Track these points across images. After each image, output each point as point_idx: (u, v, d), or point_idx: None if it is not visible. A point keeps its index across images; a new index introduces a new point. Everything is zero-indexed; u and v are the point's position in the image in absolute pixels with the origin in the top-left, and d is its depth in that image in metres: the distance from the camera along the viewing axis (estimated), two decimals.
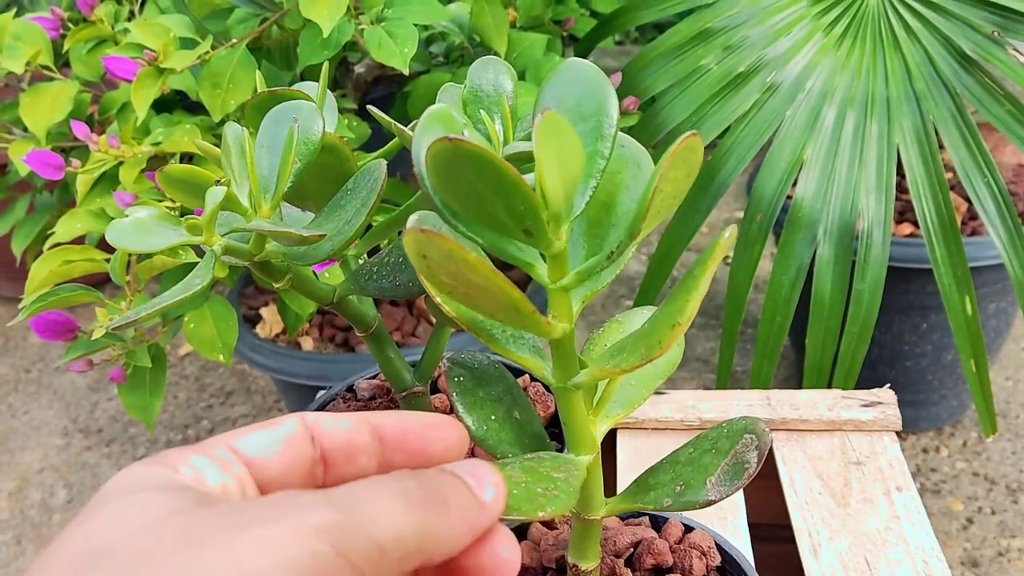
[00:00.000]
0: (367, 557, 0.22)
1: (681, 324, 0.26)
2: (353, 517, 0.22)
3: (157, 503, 0.22)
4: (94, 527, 0.21)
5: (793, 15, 0.99)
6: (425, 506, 0.23)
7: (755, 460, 0.31)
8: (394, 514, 0.23)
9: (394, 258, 0.43)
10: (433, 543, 0.23)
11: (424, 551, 0.23)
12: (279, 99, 0.41)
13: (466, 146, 0.24)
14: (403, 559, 0.23)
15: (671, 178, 0.26)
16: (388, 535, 0.22)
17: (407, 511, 0.23)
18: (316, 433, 0.26)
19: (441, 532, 0.23)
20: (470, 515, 0.25)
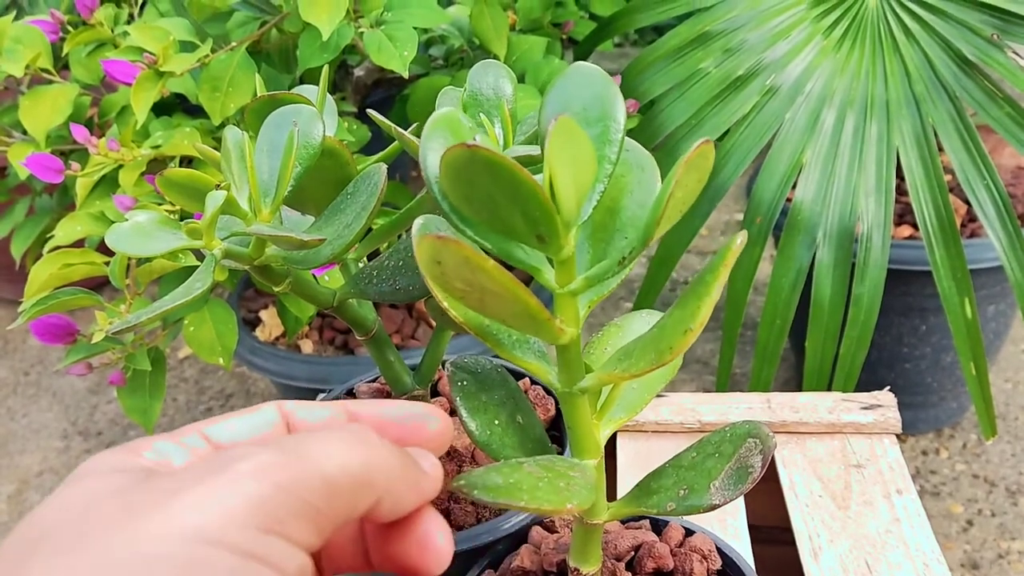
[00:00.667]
0: (316, 491, 0.22)
1: (693, 330, 0.26)
2: (298, 454, 0.22)
3: (102, 485, 0.22)
4: (42, 512, 0.22)
5: (792, 18, 0.99)
6: (368, 443, 0.24)
7: (759, 464, 0.31)
8: (340, 447, 0.23)
9: (394, 261, 0.43)
10: (382, 478, 0.24)
11: (373, 486, 0.23)
12: (279, 103, 0.41)
13: (483, 153, 0.24)
14: (354, 492, 0.23)
15: (684, 184, 0.26)
16: (334, 465, 0.22)
17: (352, 446, 0.23)
18: (293, 421, 0.26)
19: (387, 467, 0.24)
20: (413, 471, 0.25)
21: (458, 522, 0.45)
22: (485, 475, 0.29)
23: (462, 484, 0.28)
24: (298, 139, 0.38)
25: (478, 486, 0.28)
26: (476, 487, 0.28)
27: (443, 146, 0.29)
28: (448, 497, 0.45)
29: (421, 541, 0.26)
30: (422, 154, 0.30)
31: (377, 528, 0.27)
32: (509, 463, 0.30)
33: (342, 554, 0.28)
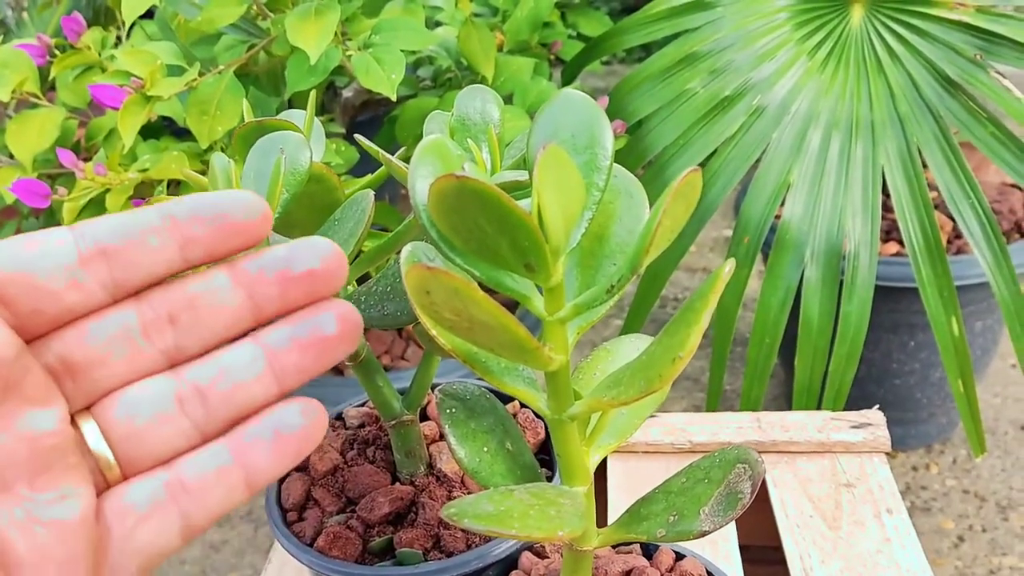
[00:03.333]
0: None
1: (682, 358, 0.26)
2: None
3: None
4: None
5: (777, 39, 1.00)
6: None
7: (748, 490, 0.31)
8: None
9: (383, 287, 0.43)
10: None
11: None
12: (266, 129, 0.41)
13: (472, 183, 0.24)
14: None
15: (672, 212, 0.26)
16: None
17: None
18: (81, 231, 0.23)
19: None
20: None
21: (448, 548, 0.44)
22: (476, 503, 0.29)
23: (452, 512, 0.28)
24: (285, 166, 0.38)
25: (469, 514, 0.28)
26: (467, 515, 0.28)
27: (432, 174, 0.30)
28: (438, 523, 0.45)
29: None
30: (411, 182, 0.30)
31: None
32: (499, 491, 0.30)
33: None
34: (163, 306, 0.24)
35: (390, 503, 0.46)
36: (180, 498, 0.24)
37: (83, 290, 0.23)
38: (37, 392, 0.23)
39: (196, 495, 0.24)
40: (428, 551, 0.44)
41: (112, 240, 0.23)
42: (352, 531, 0.45)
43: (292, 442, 0.25)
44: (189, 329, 0.25)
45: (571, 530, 0.29)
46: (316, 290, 0.25)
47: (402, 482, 0.48)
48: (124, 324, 0.24)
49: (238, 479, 0.25)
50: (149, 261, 0.24)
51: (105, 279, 0.23)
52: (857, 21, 1.00)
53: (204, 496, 0.24)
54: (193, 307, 0.24)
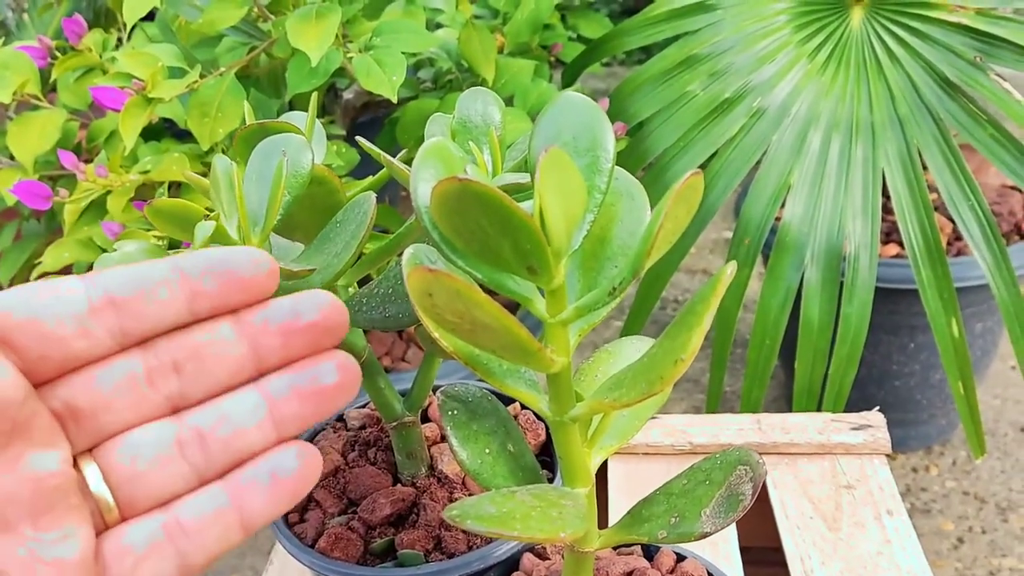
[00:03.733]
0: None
1: (684, 360, 0.26)
2: None
3: None
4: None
5: (777, 42, 1.00)
6: None
7: (750, 492, 0.31)
8: None
9: (384, 289, 0.43)
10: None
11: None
12: (267, 131, 0.41)
13: (474, 186, 0.24)
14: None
15: (673, 215, 0.26)
16: None
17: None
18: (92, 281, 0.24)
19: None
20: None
21: (449, 549, 0.44)
22: (478, 505, 0.29)
23: (455, 514, 0.28)
24: (287, 168, 0.38)
25: (471, 516, 0.28)
26: (469, 517, 0.28)
27: (434, 177, 0.30)
28: (439, 524, 0.45)
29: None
30: (413, 185, 0.30)
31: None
32: (501, 492, 0.30)
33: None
34: (168, 354, 0.25)
35: (391, 504, 0.46)
36: (177, 539, 0.25)
37: (91, 338, 0.24)
38: (42, 435, 0.23)
39: (193, 536, 0.25)
40: (429, 552, 0.45)
41: (122, 291, 0.24)
42: (353, 532, 0.45)
43: (288, 485, 0.25)
44: (193, 377, 0.25)
45: (573, 532, 0.29)
46: (317, 341, 0.26)
47: (403, 483, 0.48)
48: (130, 371, 0.25)
49: (234, 521, 0.25)
50: (157, 312, 0.25)
51: (113, 328, 0.24)
52: (857, 23, 1.00)
53: (201, 537, 0.25)
54: (198, 356, 0.25)
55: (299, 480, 0.25)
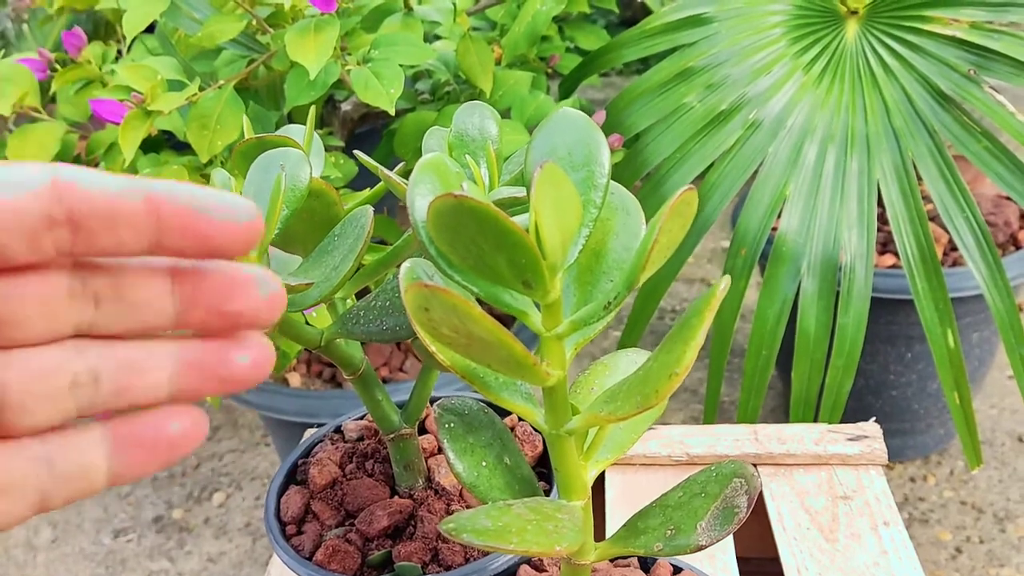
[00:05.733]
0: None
1: (679, 374, 0.27)
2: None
3: None
4: None
5: (773, 54, 1.01)
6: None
7: (745, 505, 0.31)
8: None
9: (381, 302, 0.43)
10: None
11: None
12: (266, 145, 0.41)
13: (470, 203, 0.24)
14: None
15: (668, 230, 0.27)
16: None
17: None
18: (68, 190, 0.22)
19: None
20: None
21: (447, 562, 0.44)
22: (474, 518, 0.29)
23: (451, 527, 0.28)
24: (285, 182, 0.38)
25: (468, 529, 0.28)
26: (466, 530, 0.28)
27: (430, 192, 0.30)
28: (437, 536, 0.45)
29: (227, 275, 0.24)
30: (410, 199, 0.30)
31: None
32: (497, 506, 0.30)
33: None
34: (94, 285, 0.24)
35: (389, 516, 0.46)
36: (42, 478, 0.24)
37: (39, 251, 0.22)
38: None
39: (59, 479, 0.24)
40: (427, 565, 0.45)
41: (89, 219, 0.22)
42: (351, 544, 0.45)
43: (167, 448, 0.24)
44: (108, 316, 0.24)
45: (569, 545, 0.29)
46: (239, 327, 0.24)
47: (401, 495, 0.48)
48: (54, 287, 0.23)
49: (103, 472, 0.24)
50: (111, 247, 0.23)
51: (63, 247, 0.22)
52: (852, 36, 1.00)
53: (67, 482, 0.24)
54: (121, 298, 0.24)
55: (179, 445, 0.24)
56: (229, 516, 1.36)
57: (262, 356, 0.25)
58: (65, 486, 0.24)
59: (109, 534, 1.34)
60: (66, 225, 0.22)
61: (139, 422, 0.24)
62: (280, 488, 0.50)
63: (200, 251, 0.23)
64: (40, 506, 0.24)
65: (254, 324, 0.24)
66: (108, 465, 0.24)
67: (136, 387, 0.24)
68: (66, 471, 0.24)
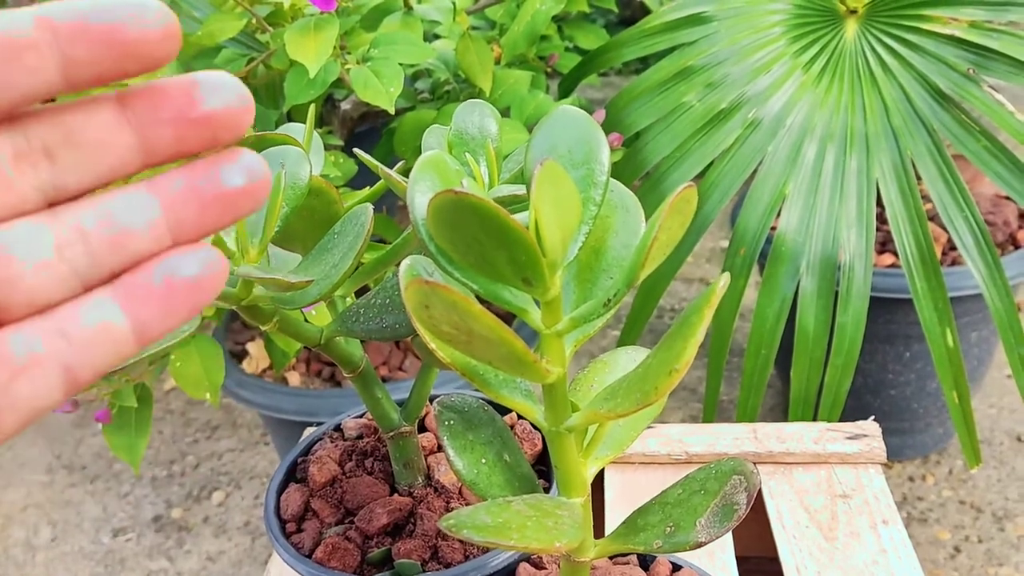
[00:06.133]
0: None
1: (678, 370, 0.27)
2: None
3: None
4: None
5: (772, 53, 1.01)
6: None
7: (744, 502, 0.31)
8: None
9: (381, 299, 0.43)
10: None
11: None
12: (266, 143, 0.41)
13: (470, 199, 0.24)
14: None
15: (667, 227, 0.27)
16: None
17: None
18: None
19: None
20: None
21: (446, 559, 0.45)
22: (474, 514, 0.29)
23: (451, 524, 0.28)
24: (285, 180, 0.38)
25: (467, 525, 0.28)
26: (466, 527, 0.28)
27: (430, 189, 0.30)
28: (436, 534, 0.45)
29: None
30: (410, 197, 0.30)
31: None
32: (497, 502, 0.30)
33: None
34: (39, 136, 0.21)
35: (388, 514, 0.46)
36: (60, 350, 0.22)
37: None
38: None
39: (79, 348, 0.22)
40: (426, 562, 0.45)
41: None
42: (350, 542, 0.45)
43: (185, 292, 0.22)
44: (68, 167, 0.22)
45: (568, 541, 0.29)
46: (216, 135, 0.22)
47: (400, 493, 0.48)
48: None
49: (125, 331, 0.22)
50: (24, 82, 0.20)
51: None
52: (851, 35, 1.01)
53: (88, 350, 0.22)
54: (73, 142, 0.22)
55: (199, 288, 0.22)
56: (228, 515, 1.36)
57: (255, 165, 0.22)
58: (88, 352, 0.22)
59: (108, 533, 1.34)
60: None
61: (144, 269, 0.22)
62: (280, 486, 0.50)
63: (118, 72, 0.21)
64: (70, 381, 0.22)
65: (231, 124, 0.22)
66: (127, 322, 0.22)
67: (132, 236, 0.22)
68: (84, 337, 0.22)
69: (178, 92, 0.21)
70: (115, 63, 0.20)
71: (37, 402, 0.22)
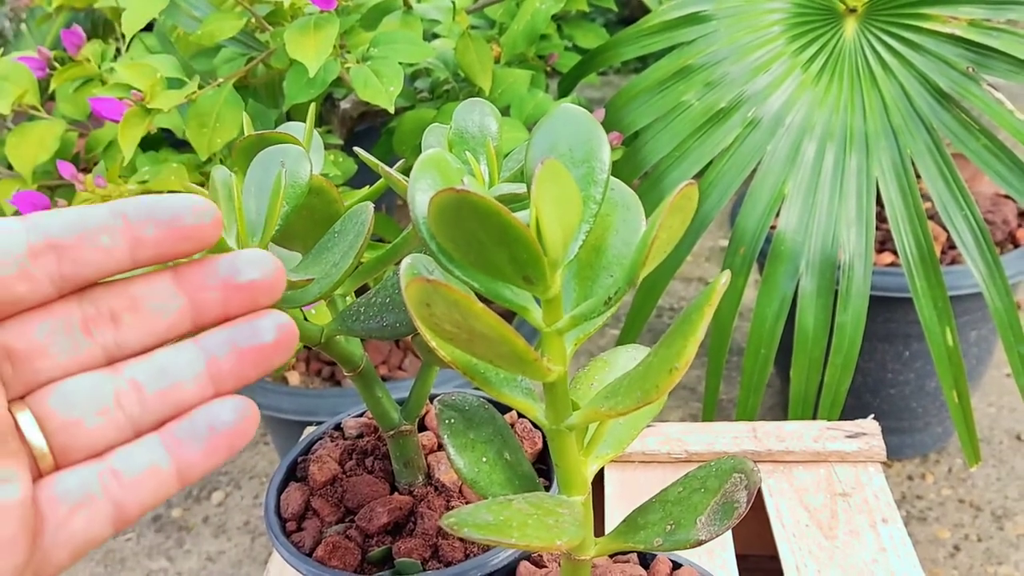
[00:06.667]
0: None
1: (679, 369, 0.27)
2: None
3: None
4: None
5: (771, 52, 1.01)
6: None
7: (744, 500, 0.31)
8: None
9: (381, 298, 0.43)
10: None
11: None
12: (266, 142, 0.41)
13: (471, 197, 0.24)
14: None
15: (668, 226, 0.27)
16: None
17: None
18: (33, 223, 0.24)
19: None
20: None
21: (446, 558, 0.45)
22: (475, 513, 0.29)
23: (452, 522, 0.28)
24: (285, 179, 0.38)
25: (468, 524, 0.28)
26: (466, 525, 0.28)
27: (431, 188, 0.30)
28: (437, 533, 0.45)
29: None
30: (410, 195, 0.30)
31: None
32: (498, 500, 0.31)
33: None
34: (106, 304, 0.25)
35: (389, 513, 0.46)
36: (112, 489, 0.25)
37: (32, 281, 0.24)
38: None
39: (128, 488, 0.25)
40: (427, 561, 0.45)
41: (63, 235, 0.24)
42: (351, 541, 0.46)
43: (225, 438, 0.26)
44: (130, 328, 0.25)
45: (569, 539, 0.29)
46: (256, 300, 0.26)
47: (401, 492, 0.48)
48: (67, 318, 0.25)
49: (170, 473, 0.25)
50: (98, 259, 0.24)
51: (53, 273, 0.24)
52: (850, 34, 1.01)
53: (136, 489, 0.25)
54: (136, 307, 0.25)
55: (236, 434, 0.26)
56: (228, 515, 1.36)
57: (283, 322, 0.26)
58: (137, 491, 0.25)
59: None
60: (49, 251, 0.24)
61: (190, 418, 0.26)
62: (280, 485, 0.50)
63: (176, 251, 0.25)
64: (119, 517, 0.25)
65: (267, 291, 0.26)
66: (172, 465, 0.25)
67: (180, 388, 0.25)
68: (134, 478, 0.25)
69: (226, 265, 0.26)
70: (174, 244, 0.25)
71: (90, 536, 0.25)
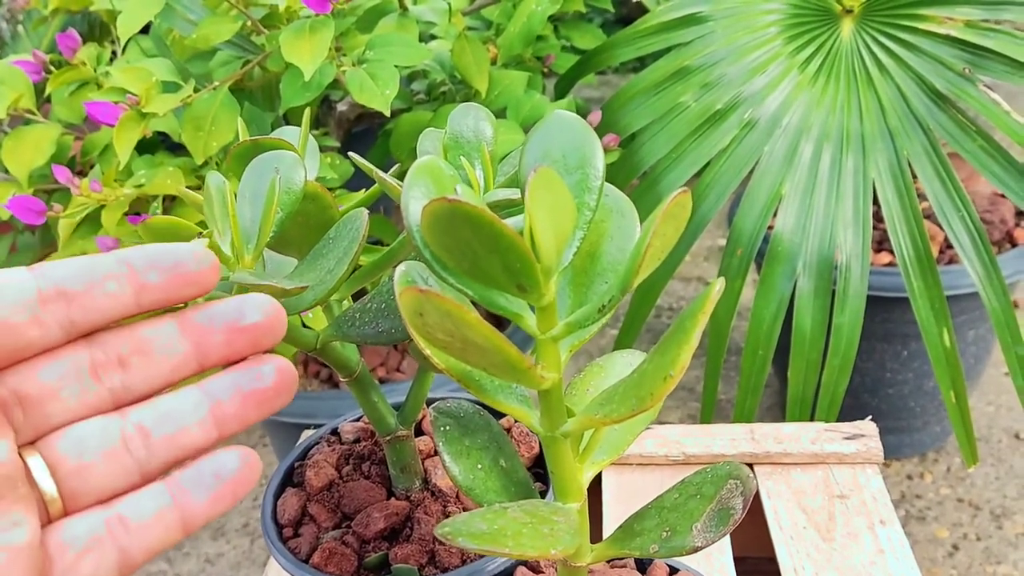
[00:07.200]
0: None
1: (674, 376, 0.27)
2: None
3: None
4: None
5: (768, 53, 1.01)
6: None
7: (740, 506, 0.31)
8: None
9: (377, 304, 0.43)
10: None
11: None
12: (261, 148, 0.41)
13: (464, 207, 0.24)
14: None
15: (661, 233, 0.27)
16: None
17: None
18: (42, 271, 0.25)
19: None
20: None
21: (443, 563, 0.44)
22: (469, 521, 0.29)
23: (446, 531, 0.28)
24: (280, 186, 0.38)
25: (463, 533, 0.28)
26: (461, 534, 0.28)
27: (425, 195, 0.30)
28: (433, 538, 0.45)
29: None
30: (404, 203, 0.30)
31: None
32: (493, 509, 0.30)
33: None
34: (114, 348, 0.26)
35: (385, 518, 0.46)
36: (119, 536, 0.25)
37: (43, 327, 0.24)
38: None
39: (135, 534, 0.26)
40: (423, 567, 0.45)
41: (72, 283, 0.25)
42: (347, 547, 0.45)
43: (230, 487, 0.26)
44: (137, 372, 0.26)
45: (564, 548, 0.29)
46: (258, 342, 0.27)
47: (397, 497, 0.48)
48: (76, 362, 0.25)
49: (176, 520, 0.26)
50: (105, 305, 0.25)
51: (63, 319, 0.25)
52: (847, 35, 1.01)
53: (143, 535, 0.26)
54: (143, 351, 0.26)
55: (240, 482, 0.26)
56: (227, 517, 1.36)
57: (283, 365, 0.27)
58: (142, 537, 0.26)
59: None
60: (58, 298, 0.25)
61: (196, 467, 0.26)
62: (277, 491, 0.50)
63: (179, 295, 0.26)
64: (124, 562, 0.25)
65: (269, 332, 0.27)
66: (177, 512, 0.26)
67: (186, 432, 0.26)
68: (140, 524, 0.26)
69: (230, 309, 0.27)
70: (177, 288, 0.26)
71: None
